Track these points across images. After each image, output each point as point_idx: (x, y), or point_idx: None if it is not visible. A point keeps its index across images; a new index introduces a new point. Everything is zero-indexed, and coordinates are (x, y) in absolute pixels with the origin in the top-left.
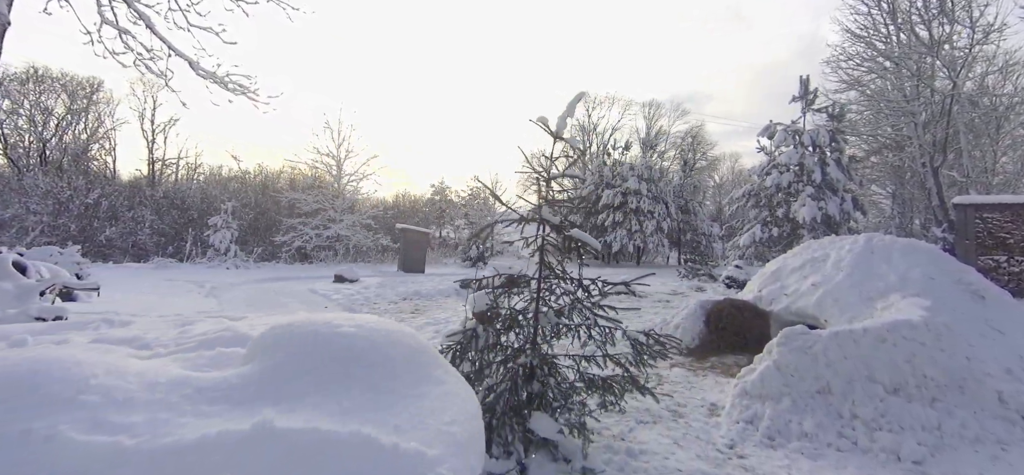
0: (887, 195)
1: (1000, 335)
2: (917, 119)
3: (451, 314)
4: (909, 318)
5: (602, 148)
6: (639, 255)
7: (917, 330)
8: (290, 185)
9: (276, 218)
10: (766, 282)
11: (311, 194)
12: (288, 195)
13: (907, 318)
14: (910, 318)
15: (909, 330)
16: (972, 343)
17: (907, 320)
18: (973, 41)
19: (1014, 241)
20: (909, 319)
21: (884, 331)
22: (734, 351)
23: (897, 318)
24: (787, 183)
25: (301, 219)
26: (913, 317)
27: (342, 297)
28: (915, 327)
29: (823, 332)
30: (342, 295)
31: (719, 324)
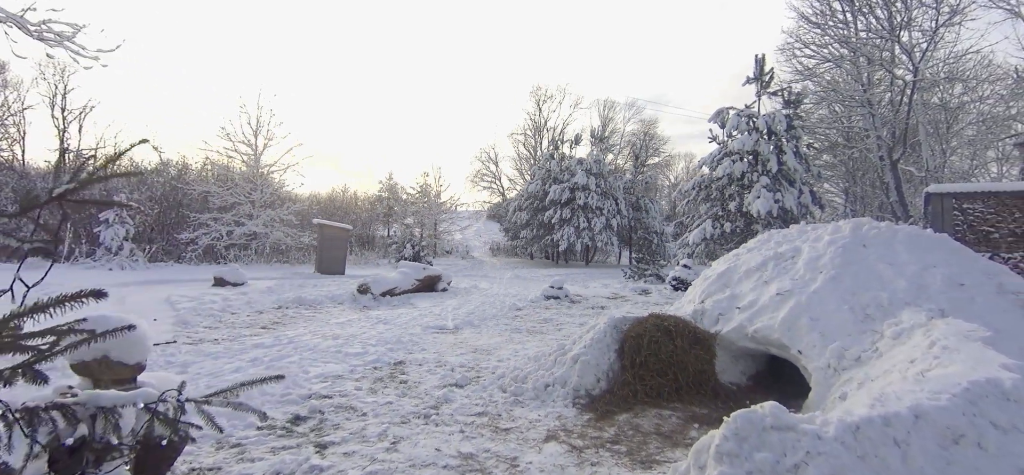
0: (840, 192)
1: None
2: (875, 110)
3: (301, 331)
4: (990, 377)
5: (552, 142)
6: (588, 254)
7: (1011, 406)
8: (202, 177)
9: (185, 213)
10: (711, 289)
11: (226, 186)
12: (199, 187)
13: (987, 377)
14: (994, 377)
15: (999, 405)
16: None
17: (994, 380)
18: (937, 23)
19: (1000, 236)
20: (993, 379)
21: (958, 412)
22: (659, 402)
23: (976, 378)
24: (740, 173)
25: (213, 214)
26: (999, 375)
27: (191, 307)
28: (1008, 396)
29: (823, 427)
30: (196, 304)
31: (638, 357)
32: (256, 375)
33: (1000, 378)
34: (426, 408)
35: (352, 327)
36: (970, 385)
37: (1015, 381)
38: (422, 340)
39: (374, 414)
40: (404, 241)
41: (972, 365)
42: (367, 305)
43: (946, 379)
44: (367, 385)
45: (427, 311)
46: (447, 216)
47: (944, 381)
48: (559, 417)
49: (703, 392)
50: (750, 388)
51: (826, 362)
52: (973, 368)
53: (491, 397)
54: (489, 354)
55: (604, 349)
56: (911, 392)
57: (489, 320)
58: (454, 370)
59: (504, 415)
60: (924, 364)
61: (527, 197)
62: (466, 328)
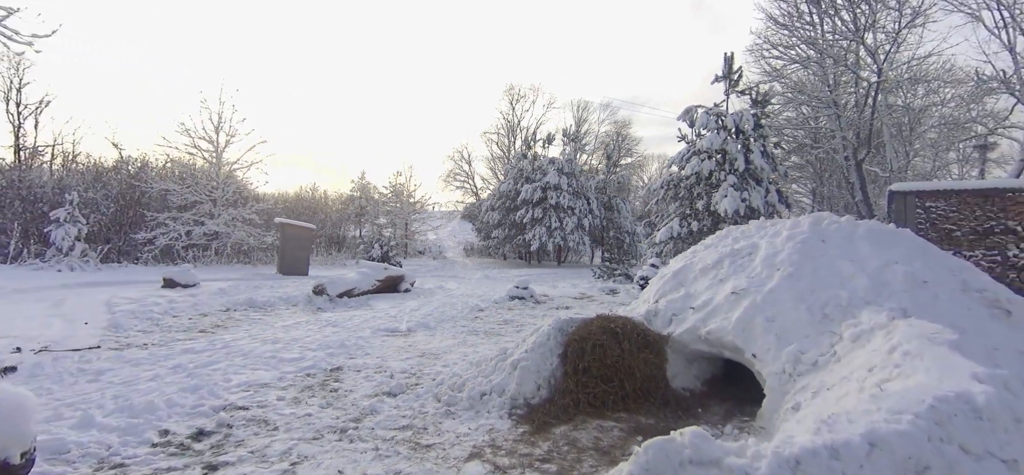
0: (807, 192)
1: None
2: (841, 112)
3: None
4: (959, 390)
5: (525, 142)
6: (560, 254)
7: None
8: (163, 174)
9: (143, 212)
10: (666, 288)
11: (185, 184)
12: (158, 185)
13: (956, 391)
14: (965, 391)
15: (971, 426)
16: None
17: (964, 395)
18: (900, 24)
19: (961, 233)
20: (964, 394)
21: (923, 437)
22: (603, 411)
23: (944, 394)
24: (708, 172)
25: (172, 214)
26: (970, 388)
27: (130, 310)
28: (980, 415)
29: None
30: (136, 306)
31: (581, 363)
32: (175, 385)
33: (971, 392)
34: (346, 421)
35: (298, 330)
36: (936, 402)
37: (989, 396)
38: (369, 344)
39: (286, 429)
40: (372, 241)
41: (938, 375)
42: (322, 307)
43: (908, 394)
44: (292, 394)
45: (383, 313)
46: (419, 216)
47: (906, 397)
48: (491, 431)
49: (652, 399)
50: (704, 394)
51: (781, 367)
52: (939, 379)
53: (422, 407)
54: (437, 358)
55: (547, 354)
56: (866, 412)
57: (446, 322)
58: (393, 377)
59: (431, 429)
60: (884, 373)
61: (499, 196)
62: (420, 330)
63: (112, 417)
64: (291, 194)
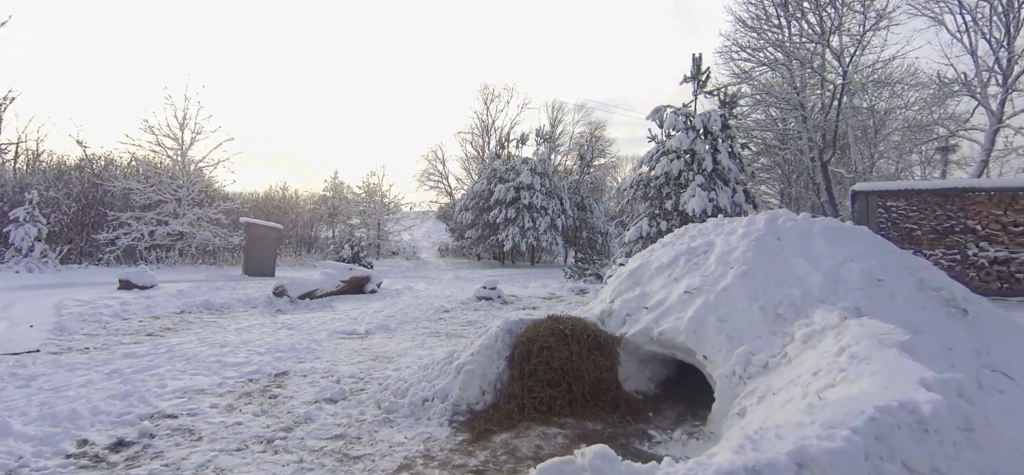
0: (776, 194)
1: (1014, 386)
2: (807, 113)
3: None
4: (904, 399)
5: (499, 141)
6: (533, 254)
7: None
8: (128, 173)
9: (105, 211)
10: (621, 288)
11: (149, 183)
12: (120, 184)
13: (900, 400)
14: (909, 400)
15: (916, 439)
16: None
17: (908, 405)
18: (865, 27)
19: (922, 233)
20: (908, 403)
21: (859, 455)
22: (549, 417)
23: (886, 403)
24: (677, 172)
25: (136, 213)
26: (916, 396)
27: (78, 313)
28: (926, 426)
29: None
30: (86, 309)
31: (527, 366)
32: (105, 391)
33: (917, 401)
34: (277, 430)
35: (250, 333)
36: (877, 414)
37: (936, 405)
38: (321, 347)
39: (211, 439)
40: (342, 241)
41: (884, 380)
42: (281, 309)
43: (848, 404)
44: (228, 401)
45: (344, 315)
46: (393, 216)
47: (845, 407)
48: (428, 439)
49: (601, 403)
50: (657, 397)
51: (731, 369)
52: (885, 386)
53: (361, 415)
54: (390, 361)
55: (494, 357)
56: (798, 426)
57: (408, 324)
58: (340, 382)
59: (365, 438)
60: (828, 378)
61: (472, 197)
62: (379, 333)
63: (32, 425)
64: (260, 193)
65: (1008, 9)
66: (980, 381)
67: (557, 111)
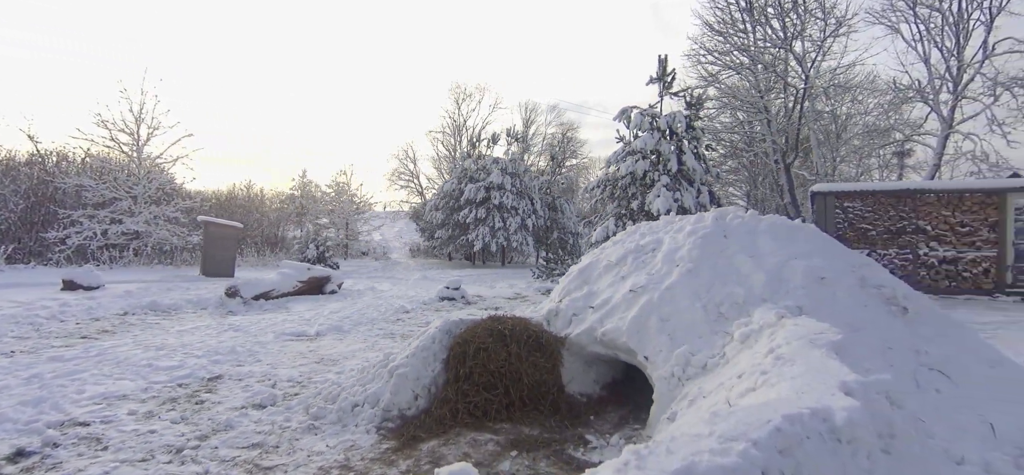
0: (742, 196)
1: (951, 385)
2: (771, 116)
3: None
4: (817, 406)
5: (470, 141)
6: (504, 254)
7: (844, 452)
8: (81, 169)
9: (55, 209)
10: (570, 287)
11: (102, 180)
12: (72, 180)
13: (812, 407)
14: (823, 407)
15: (827, 451)
16: (921, 418)
17: (821, 412)
18: (825, 33)
19: (876, 233)
20: (821, 410)
21: (756, 470)
22: (483, 422)
23: (795, 411)
24: (642, 172)
25: (88, 211)
26: (830, 403)
27: (10, 315)
28: (839, 436)
29: None
30: (21, 310)
31: (462, 368)
32: (17, 397)
33: (831, 409)
34: (191, 439)
35: (193, 335)
36: (784, 423)
37: (851, 412)
38: (265, 350)
39: (117, 449)
40: (307, 241)
41: (803, 384)
42: (233, 310)
43: (756, 412)
44: (149, 408)
45: (297, 316)
46: (363, 216)
47: (751, 416)
48: (350, 448)
49: (541, 407)
50: (602, 399)
51: (670, 370)
52: (802, 390)
53: (287, 421)
54: (334, 364)
55: (430, 359)
56: (694, 439)
57: (363, 325)
58: (276, 386)
59: (284, 447)
60: (750, 381)
61: (443, 196)
62: (330, 334)
63: None
64: (223, 192)
65: (958, 20)
66: (917, 380)
67: (530, 112)
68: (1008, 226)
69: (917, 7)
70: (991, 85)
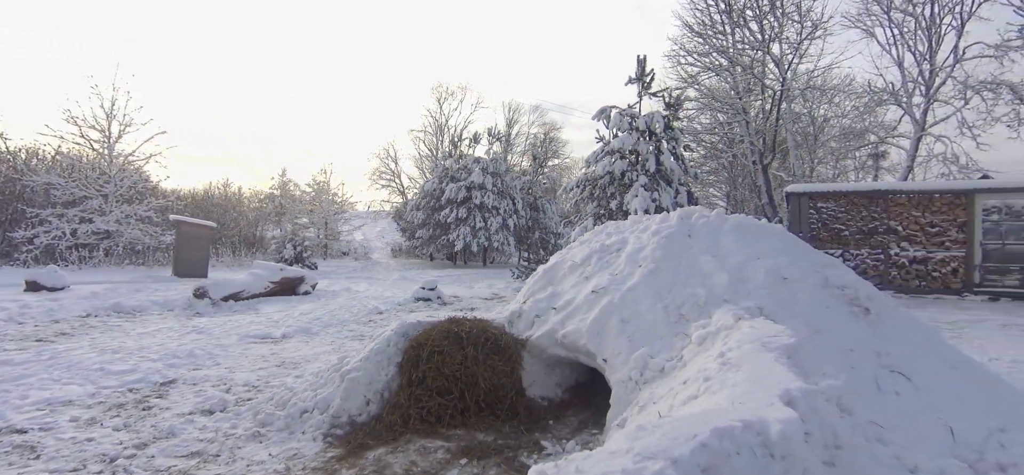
0: (722, 196)
1: (911, 388)
2: (749, 118)
3: None
4: (751, 418)
5: (452, 141)
6: (486, 254)
7: (776, 470)
8: (49, 166)
9: (23, 208)
10: (535, 287)
11: (72, 178)
12: (40, 178)
13: (746, 419)
14: (757, 419)
15: (758, 468)
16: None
17: (755, 425)
18: (802, 35)
19: (849, 233)
20: (755, 423)
21: None
22: (437, 428)
23: (726, 424)
24: (621, 172)
25: (57, 210)
26: (766, 415)
27: None
28: (772, 452)
29: None
30: None
31: (415, 373)
32: None
33: (766, 420)
34: (129, 447)
35: (153, 338)
36: (712, 438)
37: (787, 425)
38: (226, 352)
39: (50, 457)
40: (284, 241)
41: (744, 392)
42: (201, 312)
43: (684, 426)
44: (93, 414)
45: (266, 318)
46: (343, 216)
47: (678, 430)
48: (293, 457)
49: (498, 412)
50: (565, 403)
51: (628, 374)
52: (741, 399)
53: (233, 428)
54: (295, 367)
55: (384, 362)
56: (610, 457)
57: (333, 327)
58: (230, 391)
59: (224, 455)
60: (693, 388)
61: (424, 196)
62: (297, 336)
63: None
64: (199, 191)
65: (931, 24)
66: (878, 383)
67: (514, 112)
68: (976, 226)
69: (891, 11)
70: (961, 88)
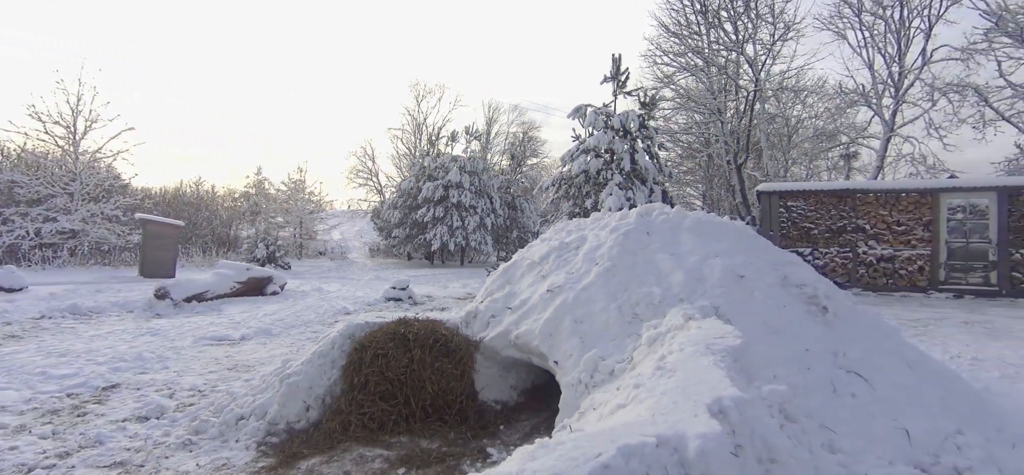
0: (698, 196)
1: (868, 389)
2: (723, 118)
3: None
4: (666, 433)
5: (429, 139)
6: (463, 254)
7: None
8: (13, 164)
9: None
10: (493, 286)
11: (38, 176)
12: (6, 177)
13: (661, 435)
14: (672, 435)
15: None
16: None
17: (670, 441)
18: (775, 37)
19: (818, 231)
20: (671, 438)
21: None
22: (379, 435)
23: (634, 442)
24: (596, 170)
25: (20, 209)
26: (684, 429)
27: None
28: (689, 470)
29: None
30: None
31: (357, 377)
32: None
33: (684, 435)
34: (51, 457)
35: (105, 340)
36: (616, 458)
37: (706, 440)
38: (178, 355)
39: None
40: (256, 240)
41: (670, 401)
42: (161, 313)
43: (591, 443)
44: (23, 421)
45: (227, 319)
46: (320, 215)
47: (583, 448)
48: (221, 468)
49: (446, 417)
50: (520, 406)
51: (577, 376)
52: (663, 410)
53: (165, 436)
54: (247, 370)
55: (327, 366)
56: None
57: (297, 328)
58: (173, 396)
59: (149, 466)
60: (623, 395)
61: (400, 194)
62: (257, 338)
63: None
64: (170, 189)
65: (900, 27)
66: (834, 384)
67: (494, 111)
68: (941, 225)
69: (862, 14)
70: (929, 91)
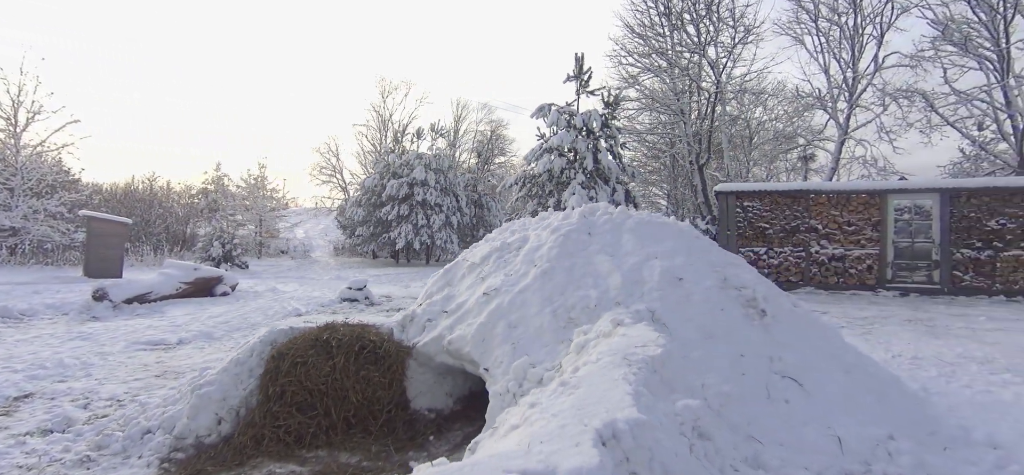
0: (663, 195)
1: (803, 394)
2: (686, 119)
3: None
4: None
5: (395, 136)
6: (429, 253)
7: None
8: None
9: None
10: (433, 289)
11: None
12: None
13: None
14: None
15: None
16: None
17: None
18: (735, 39)
19: (773, 231)
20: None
21: None
22: (296, 449)
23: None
24: (559, 169)
25: None
26: (559, 463)
27: None
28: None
29: None
30: None
31: (273, 386)
32: None
33: (555, 471)
34: None
35: (29, 345)
36: None
37: (597, 469)
38: (104, 361)
39: None
40: (211, 239)
41: (557, 425)
42: (97, 315)
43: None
44: None
45: (169, 322)
46: (282, 213)
47: None
48: None
49: (372, 429)
50: (455, 415)
51: (506, 385)
52: (544, 436)
53: (65, 451)
54: (177, 378)
55: (244, 375)
56: None
57: (241, 331)
58: (88, 406)
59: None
60: (518, 415)
61: (364, 192)
62: (195, 342)
63: None
64: (120, 185)
65: (854, 34)
66: (769, 390)
67: (462, 108)
68: (888, 225)
69: (818, 20)
70: (880, 95)
